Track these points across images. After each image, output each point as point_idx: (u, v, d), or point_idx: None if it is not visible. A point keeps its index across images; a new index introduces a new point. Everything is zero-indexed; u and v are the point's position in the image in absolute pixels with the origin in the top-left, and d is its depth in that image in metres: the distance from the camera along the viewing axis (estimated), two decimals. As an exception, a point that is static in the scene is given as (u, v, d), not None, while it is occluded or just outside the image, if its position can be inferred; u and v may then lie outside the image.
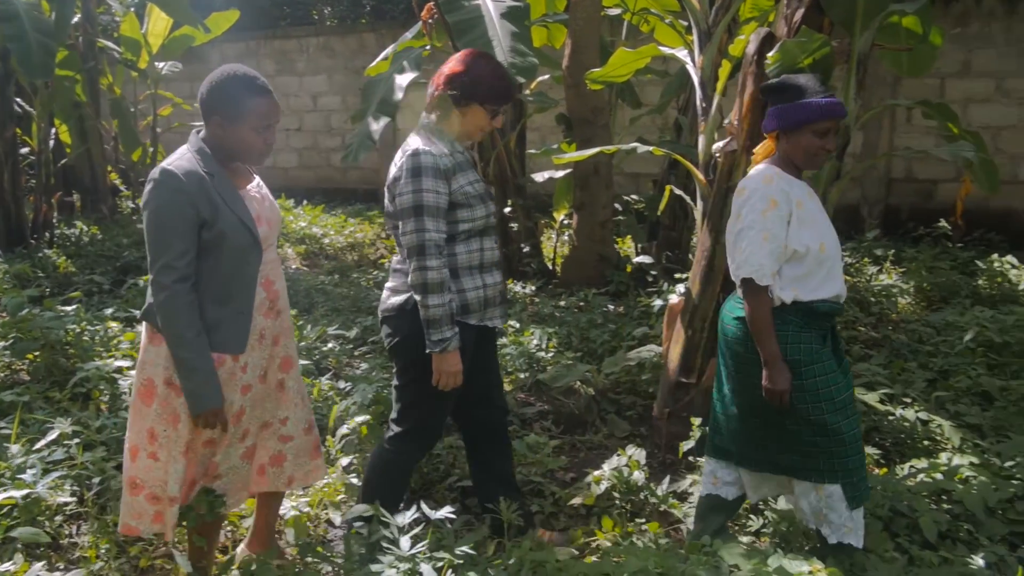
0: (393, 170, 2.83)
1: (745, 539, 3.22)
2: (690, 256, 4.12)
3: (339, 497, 3.46)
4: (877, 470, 3.68)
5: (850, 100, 3.74)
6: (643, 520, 3.33)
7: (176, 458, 2.56)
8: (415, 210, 2.72)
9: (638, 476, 3.44)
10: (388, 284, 2.96)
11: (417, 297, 2.74)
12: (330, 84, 12.50)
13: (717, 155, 3.88)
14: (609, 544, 3.07)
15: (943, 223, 7.63)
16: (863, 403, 4.12)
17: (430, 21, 6.52)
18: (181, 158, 2.50)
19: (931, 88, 8.30)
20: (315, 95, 12.67)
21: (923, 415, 4.04)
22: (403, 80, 6.19)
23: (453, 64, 2.88)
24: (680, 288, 4.42)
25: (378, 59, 6.67)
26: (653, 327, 5.12)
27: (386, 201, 2.89)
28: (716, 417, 2.97)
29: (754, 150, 2.90)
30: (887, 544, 3.00)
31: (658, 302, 5.26)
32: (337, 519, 3.36)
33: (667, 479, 3.50)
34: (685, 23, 4.82)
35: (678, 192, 4.93)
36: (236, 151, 2.55)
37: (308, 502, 3.35)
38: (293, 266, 8.18)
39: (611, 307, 5.94)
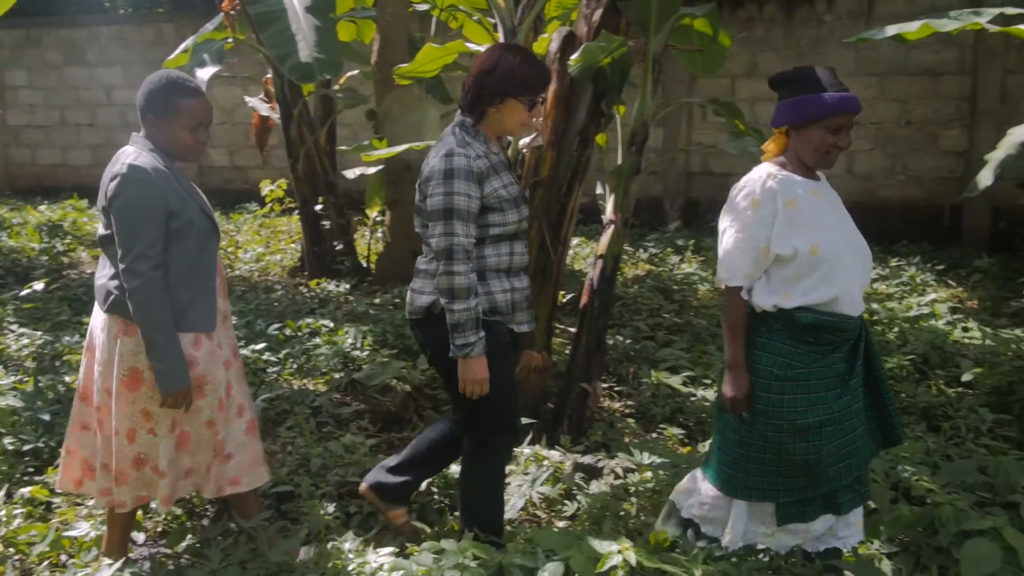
0: (426, 168, 2.76)
1: (561, 523, 3.31)
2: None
3: (140, 513, 3.27)
4: (682, 449, 3.88)
5: (647, 98, 3.92)
6: (462, 514, 3.36)
7: (165, 435, 2.72)
8: (445, 213, 2.66)
9: (456, 470, 3.46)
10: (413, 285, 2.90)
11: (443, 301, 2.69)
12: (125, 77, 11.79)
13: (524, 151, 3.96)
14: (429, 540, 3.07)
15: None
16: (667, 386, 4.34)
17: (232, 12, 6.28)
18: (141, 155, 2.66)
19: (723, 87, 8.83)
20: (109, 88, 11.90)
21: (721, 395, 4.29)
22: (204, 74, 5.92)
23: (481, 61, 2.80)
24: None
25: (177, 51, 6.34)
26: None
27: (416, 198, 2.82)
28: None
29: (763, 147, 2.75)
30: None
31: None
32: (140, 538, 3.18)
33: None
34: (493, 20, 4.88)
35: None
36: (169, 149, 2.71)
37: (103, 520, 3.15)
38: (88, 271, 7.66)
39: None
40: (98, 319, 2.80)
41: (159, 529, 3.25)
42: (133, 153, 2.67)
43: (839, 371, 2.61)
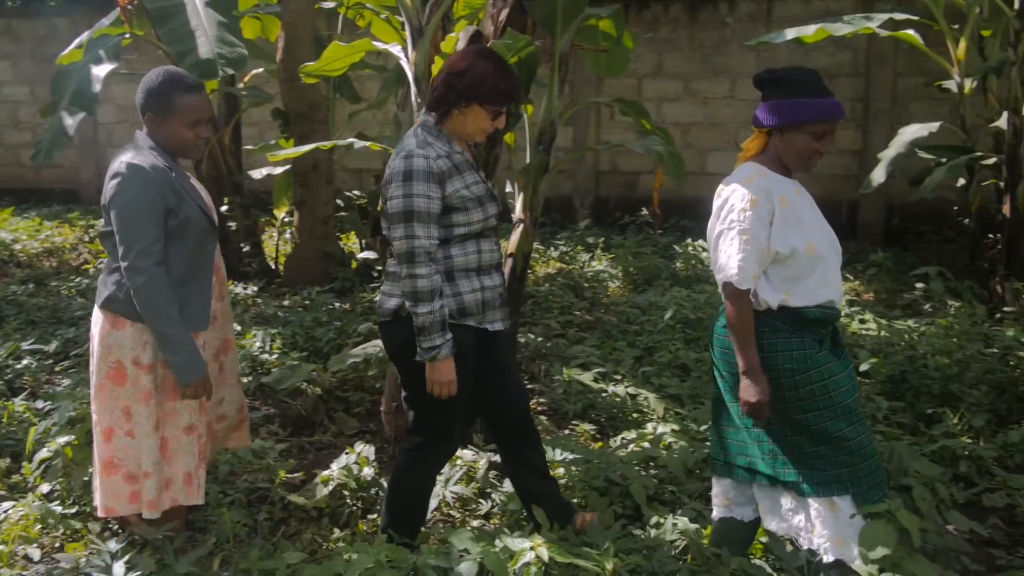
0: (387, 171, 2.73)
1: (475, 523, 3.32)
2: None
3: (37, 528, 3.14)
4: (594, 444, 3.93)
5: (554, 97, 3.95)
6: (375, 516, 3.33)
7: (148, 433, 2.71)
8: (405, 215, 2.63)
9: (368, 472, 3.43)
10: (382, 288, 2.87)
11: (407, 304, 2.67)
12: (15, 73, 11.28)
13: (433, 150, 3.94)
14: (341, 543, 3.04)
15: (645, 212, 8.29)
16: (579, 383, 4.39)
17: (129, 7, 6.06)
18: (140, 153, 2.68)
19: (630, 87, 8.97)
20: (-2, 85, 11.38)
21: (632, 390, 4.37)
22: (100, 71, 5.70)
23: (454, 61, 2.77)
24: (404, 282, 4.45)
25: (71, 47, 6.10)
26: (377, 322, 5.12)
27: (382, 201, 2.80)
28: (720, 433, 2.77)
29: (743, 145, 2.70)
30: (605, 511, 3.22)
31: (382, 297, 5.27)
32: (36, 554, 3.05)
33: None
34: (400, 19, 4.85)
35: (398, 187, 4.96)
36: (170, 146, 2.73)
37: (1, 538, 3.01)
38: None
39: (336, 304, 5.88)
40: (94, 317, 2.83)
41: (57, 544, 3.13)
42: (132, 152, 2.70)
43: (830, 356, 2.62)
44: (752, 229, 2.49)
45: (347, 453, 3.50)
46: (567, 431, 4.12)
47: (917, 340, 4.82)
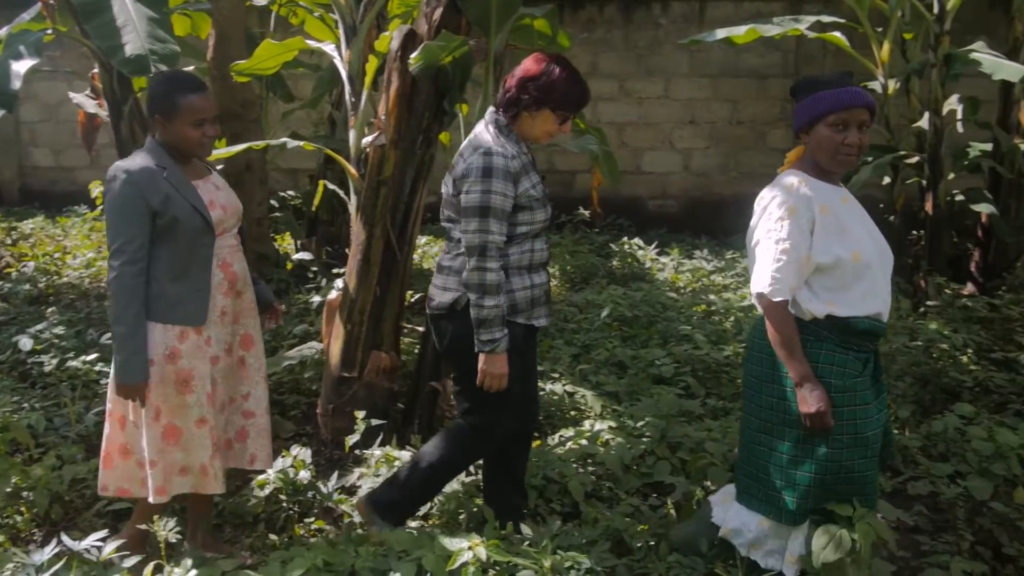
0: (460, 164, 2.80)
1: (413, 524, 3.30)
2: (346, 251, 4.15)
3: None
4: (532, 443, 3.94)
5: (489, 97, 3.95)
6: (312, 520, 3.30)
7: (148, 424, 2.76)
8: (482, 211, 2.70)
9: (304, 476, 3.39)
10: (435, 281, 2.93)
11: (472, 296, 2.73)
12: (-68, 70, 10.86)
13: (367, 149, 3.92)
14: (277, 548, 3.00)
15: (582, 211, 8.35)
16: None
17: (51, 2, 5.89)
18: (135, 156, 2.79)
19: (565, 87, 9.01)
20: (-88, 82, 10.93)
21: (570, 388, 4.40)
22: (20, 67, 5.51)
23: (528, 65, 2.81)
24: (339, 283, 4.41)
25: (-12, 43, 5.90)
26: (313, 324, 5.07)
27: (446, 192, 2.87)
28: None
29: (786, 156, 2.70)
30: (544, 509, 3.24)
31: (317, 298, 5.22)
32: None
33: (335, 475, 3.48)
34: (334, 16, 4.80)
35: (332, 187, 4.92)
36: (177, 146, 2.79)
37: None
38: None
39: (272, 306, 5.78)
40: None
41: (-20, 557, 3.02)
42: (134, 153, 2.81)
43: (873, 377, 2.60)
44: (790, 239, 2.45)
45: (283, 456, 3.46)
46: (505, 430, 4.12)
47: (846, 334, 4.92)
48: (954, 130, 6.51)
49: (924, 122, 6.27)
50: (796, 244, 2.45)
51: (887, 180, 6.88)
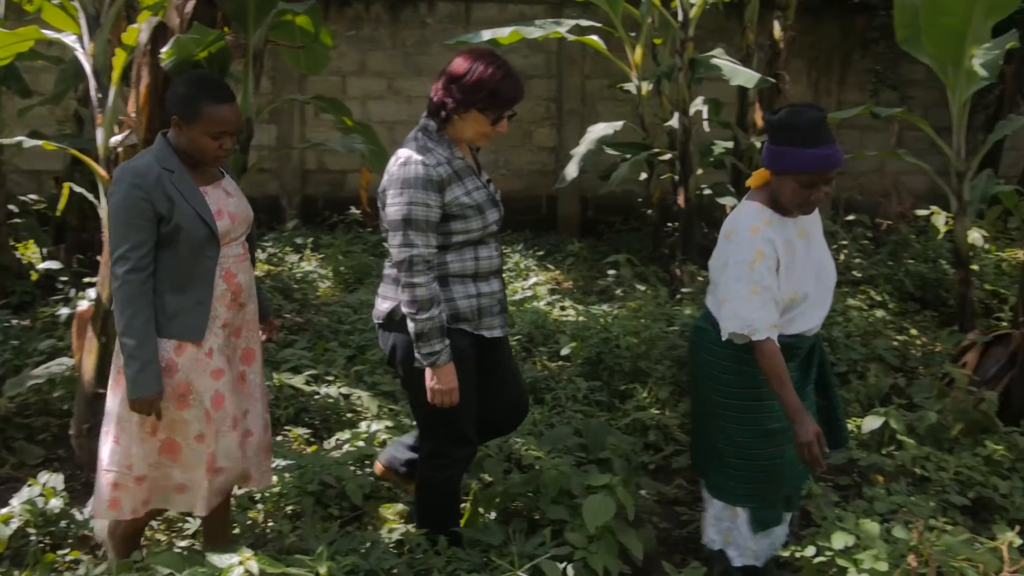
0: (385, 177, 2.68)
1: (183, 543, 3.14)
2: (98, 258, 3.84)
3: None
4: (308, 448, 3.86)
5: (249, 94, 3.82)
6: (66, 552, 3.05)
7: (143, 438, 2.64)
8: (403, 223, 2.60)
9: (56, 504, 3.13)
10: (379, 289, 2.85)
11: (405, 311, 2.64)
12: None
13: (117, 149, 3.67)
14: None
15: (354, 210, 8.25)
16: (290, 387, 4.28)
17: None
18: (142, 156, 2.63)
19: (335, 85, 8.87)
20: None
21: (345, 390, 4.34)
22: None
23: (454, 65, 2.68)
24: (91, 293, 4.09)
25: None
26: (63, 338, 4.67)
27: (379, 203, 2.75)
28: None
29: (753, 174, 2.71)
30: (319, 515, 3.18)
31: (65, 310, 4.82)
32: None
33: (91, 500, 3.23)
34: (76, 4, 4.44)
35: (80, 190, 4.56)
36: (191, 152, 2.62)
37: None
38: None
39: (14, 321, 5.28)
40: None
41: None
42: (142, 153, 2.66)
43: (795, 380, 2.69)
44: (763, 281, 2.53)
45: (30, 485, 3.17)
46: (279, 437, 4.01)
47: (611, 323, 5.20)
48: (701, 129, 7.03)
49: (674, 121, 6.73)
50: (769, 285, 2.55)
51: (644, 176, 7.32)
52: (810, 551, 2.69)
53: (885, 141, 8.93)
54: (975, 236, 6.25)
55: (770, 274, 2.55)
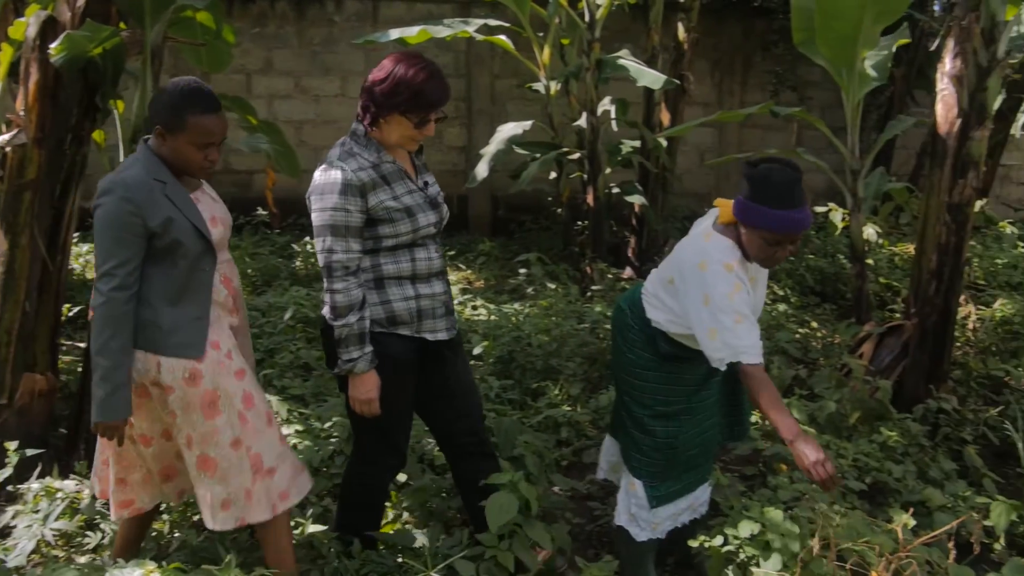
0: (312, 183, 2.63)
1: (82, 559, 3.03)
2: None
3: None
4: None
5: (147, 93, 3.70)
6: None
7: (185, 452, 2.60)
8: (323, 229, 2.57)
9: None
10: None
11: (326, 316, 2.62)
12: None
13: (6, 149, 3.51)
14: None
15: (261, 211, 8.09)
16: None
17: None
18: (131, 167, 2.49)
19: (239, 83, 8.69)
20: None
21: (254, 395, 4.23)
22: None
23: (376, 69, 2.63)
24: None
25: None
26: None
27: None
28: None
29: (720, 202, 2.74)
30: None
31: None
32: None
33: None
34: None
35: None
36: (175, 163, 2.51)
37: None
38: None
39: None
40: None
41: None
42: (127, 163, 2.53)
43: (702, 372, 2.82)
44: (743, 310, 2.58)
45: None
46: (186, 445, 3.89)
47: (522, 322, 5.23)
48: (609, 128, 7.13)
49: (583, 121, 6.81)
50: (748, 314, 2.61)
51: (553, 175, 7.38)
52: (718, 540, 2.76)
53: (786, 140, 9.24)
54: (869, 232, 6.52)
55: (747, 305, 2.63)
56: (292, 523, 2.96)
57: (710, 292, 2.59)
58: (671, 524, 2.96)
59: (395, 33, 6.31)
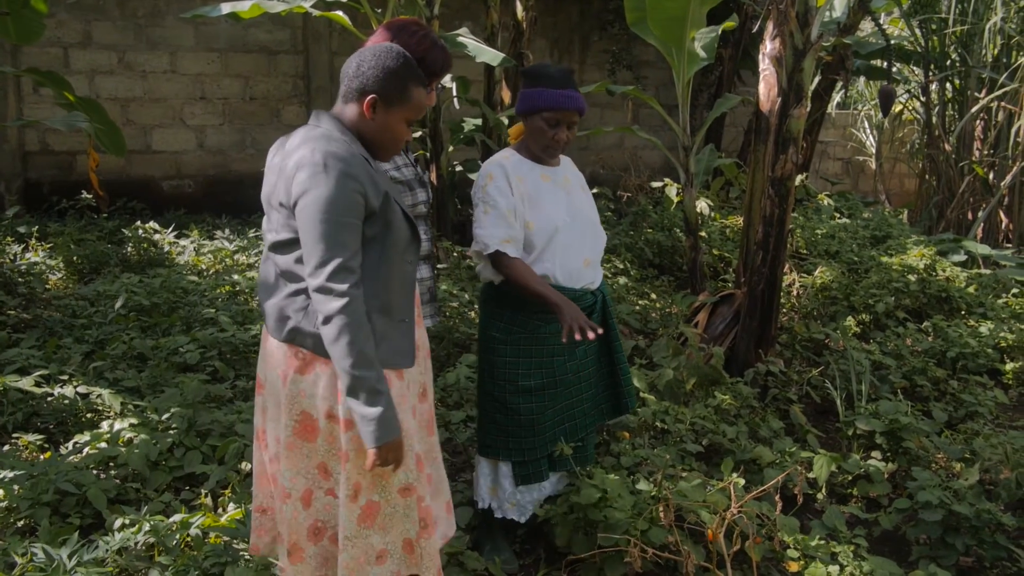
0: None
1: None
2: None
3: None
4: (42, 455, 3.54)
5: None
6: None
7: (346, 503, 2.15)
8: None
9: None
10: None
11: None
12: None
13: None
14: None
15: (86, 195, 7.63)
16: (17, 390, 3.90)
17: None
18: (331, 139, 2.10)
19: (55, 58, 8.12)
20: None
21: (83, 389, 4.01)
22: None
23: (374, 35, 2.56)
24: None
25: None
26: None
27: None
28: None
29: (510, 130, 2.95)
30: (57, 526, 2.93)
31: None
32: None
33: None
34: None
35: None
36: (377, 140, 2.19)
37: None
38: None
39: None
40: (269, 346, 2.25)
41: None
42: (322, 137, 2.11)
43: (556, 336, 2.81)
44: (493, 199, 2.73)
45: None
46: (6, 446, 3.64)
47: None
48: (451, 107, 7.13)
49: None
50: (497, 203, 2.74)
51: (396, 154, 7.31)
52: (563, 508, 2.83)
53: (623, 118, 9.52)
54: (702, 205, 6.82)
55: (500, 193, 2.75)
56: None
57: (477, 193, 2.81)
58: (533, 508, 3.00)
59: (226, 7, 6.05)
